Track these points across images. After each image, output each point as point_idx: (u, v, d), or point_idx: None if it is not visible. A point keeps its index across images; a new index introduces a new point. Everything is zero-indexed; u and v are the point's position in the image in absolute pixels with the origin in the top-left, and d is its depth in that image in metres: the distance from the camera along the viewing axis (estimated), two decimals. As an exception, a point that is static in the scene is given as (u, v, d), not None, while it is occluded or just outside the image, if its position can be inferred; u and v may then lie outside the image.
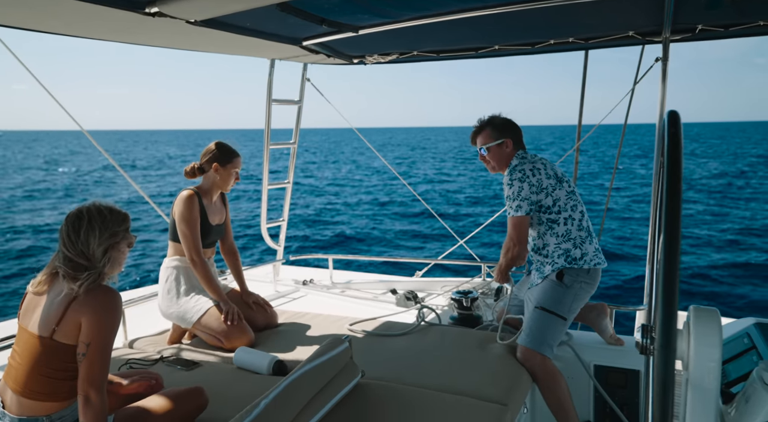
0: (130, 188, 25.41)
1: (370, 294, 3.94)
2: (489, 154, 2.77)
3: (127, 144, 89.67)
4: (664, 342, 0.89)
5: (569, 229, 2.63)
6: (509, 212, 2.64)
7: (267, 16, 2.65)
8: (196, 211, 2.93)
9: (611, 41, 3.32)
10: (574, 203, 2.66)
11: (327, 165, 43.92)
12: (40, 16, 2.31)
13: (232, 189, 3.20)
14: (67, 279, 1.75)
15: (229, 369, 2.61)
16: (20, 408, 1.74)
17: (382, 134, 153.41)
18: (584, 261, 2.60)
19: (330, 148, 68.81)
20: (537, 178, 2.60)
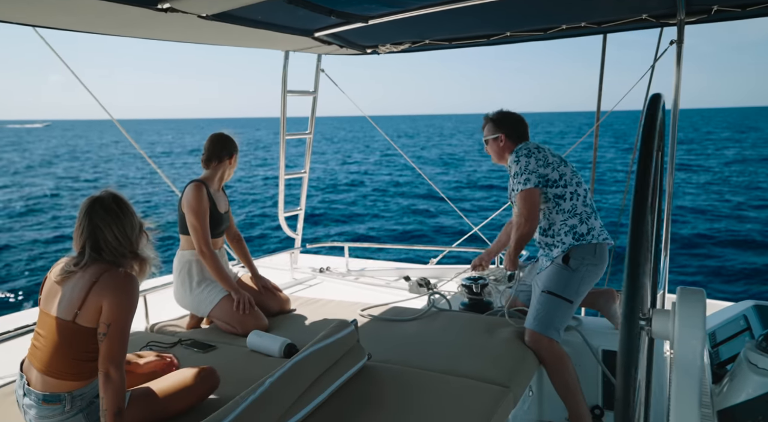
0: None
1: (384, 281, 4.01)
2: (487, 147, 2.98)
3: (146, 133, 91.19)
4: (627, 312, 0.93)
5: (575, 204, 2.68)
6: (517, 188, 2.68)
7: (277, 8, 2.70)
8: (206, 203, 3.00)
9: (625, 25, 3.27)
10: (578, 180, 2.74)
11: (341, 154, 43.99)
12: (53, 12, 2.40)
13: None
14: (97, 262, 1.84)
15: (242, 351, 2.72)
16: (44, 385, 1.86)
17: (392, 122, 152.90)
18: (591, 236, 2.63)
19: (346, 137, 68.83)
20: (543, 154, 2.72)
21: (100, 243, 1.87)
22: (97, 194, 1.93)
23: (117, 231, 1.88)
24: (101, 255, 1.87)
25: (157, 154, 43.06)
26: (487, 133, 2.95)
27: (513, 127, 2.89)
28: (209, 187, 3.08)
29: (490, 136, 2.92)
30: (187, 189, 3.03)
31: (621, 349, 0.94)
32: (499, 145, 2.90)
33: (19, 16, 2.44)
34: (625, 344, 0.94)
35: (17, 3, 2.22)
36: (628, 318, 0.94)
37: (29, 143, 65.72)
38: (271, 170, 26.68)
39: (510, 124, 2.90)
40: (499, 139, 2.89)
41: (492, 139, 2.92)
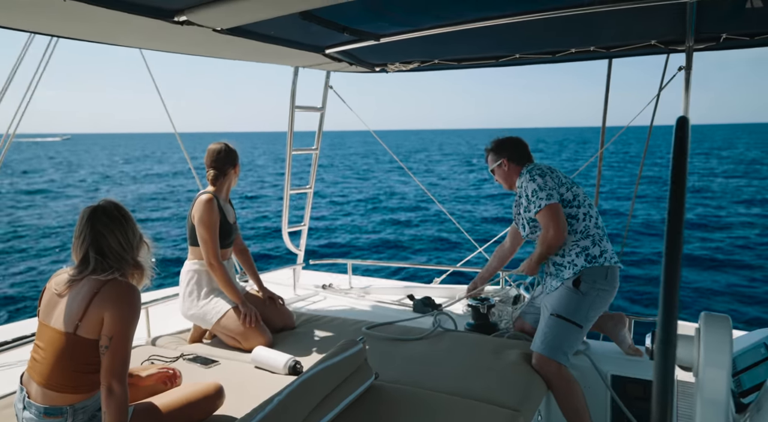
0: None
1: (387, 300, 3.97)
2: (495, 176, 3.01)
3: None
4: (664, 337, 0.90)
5: (588, 226, 2.67)
6: (540, 204, 2.63)
7: (290, 24, 2.72)
8: (216, 215, 3.00)
9: (634, 50, 3.30)
10: (590, 202, 2.74)
11: (343, 169, 44.17)
12: (74, 23, 2.41)
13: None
14: (99, 271, 1.82)
15: (246, 367, 2.67)
16: (45, 398, 1.81)
17: (397, 137, 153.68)
18: (604, 258, 2.61)
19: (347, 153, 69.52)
20: (555, 174, 2.74)
21: (104, 250, 1.85)
22: (96, 203, 1.92)
23: (120, 237, 1.88)
24: (106, 262, 1.84)
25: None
26: (491, 162, 2.99)
27: (513, 150, 2.92)
28: (218, 198, 3.07)
29: (494, 164, 2.96)
30: (197, 202, 3.02)
31: (657, 383, 0.91)
32: (504, 170, 2.93)
33: (40, 25, 2.45)
34: (661, 371, 0.91)
35: (38, 13, 2.22)
36: (665, 351, 0.90)
37: (78, 155, 64.25)
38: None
39: (509, 148, 2.93)
40: (503, 164, 2.92)
41: (497, 166, 2.95)
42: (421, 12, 2.74)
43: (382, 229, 18.32)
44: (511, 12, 2.67)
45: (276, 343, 2.96)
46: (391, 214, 21.29)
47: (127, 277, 1.89)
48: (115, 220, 1.88)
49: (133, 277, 1.91)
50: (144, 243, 1.99)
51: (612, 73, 3.81)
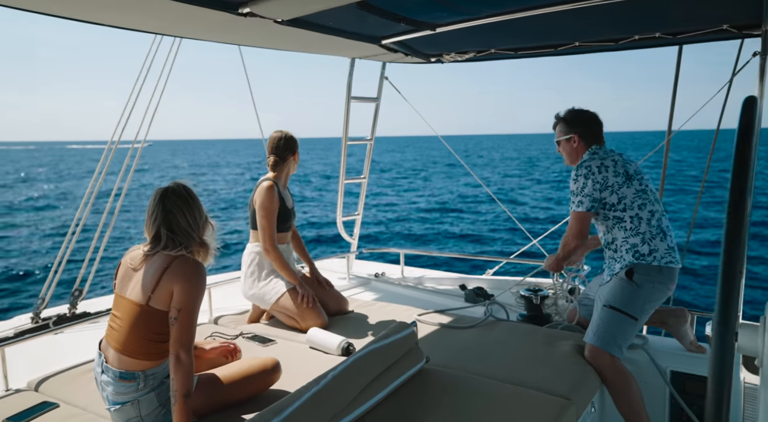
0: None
1: (439, 289, 3.99)
2: (559, 148, 2.87)
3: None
4: (721, 319, 0.88)
5: (636, 225, 2.58)
6: (571, 207, 2.65)
7: (348, 15, 2.77)
8: (276, 202, 3.11)
9: (704, 35, 3.15)
10: (642, 202, 2.59)
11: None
12: (145, 17, 2.56)
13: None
14: (169, 247, 1.94)
15: (301, 347, 2.77)
16: (120, 363, 1.95)
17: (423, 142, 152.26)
18: (653, 257, 2.52)
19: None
20: (603, 175, 2.59)
21: (174, 227, 1.98)
22: (167, 185, 2.05)
23: (188, 216, 1.99)
24: (175, 238, 1.96)
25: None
26: (559, 134, 2.83)
27: (586, 127, 2.77)
28: (278, 185, 3.19)
29: (563, 136, 2.81)
30: (259, 188, 3.14)
31: (714, 366, 0.89)
32: (572, 145, 2.78)
33: (112, 20, 2.61)
34: (719, 361, 0.89)
35: (111, 9, 2.37)
36: (722, 334, 0.88)
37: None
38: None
39: (583, 124, 2.78)
40: (572, 139, 2.77)
41: (564, 140, 2.80)
42: (479, 0, 2.73)
43: (434, 221, 18.31)
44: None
45: (330, 326, 3.05)
46: (445, 207, 21.24)
47: (194, 254, 2.01)
48: (183, 200, 2.00)
49: (198, 254, 2.02)
50: (209, 224, 2.10)
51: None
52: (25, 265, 13.15)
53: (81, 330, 3.12)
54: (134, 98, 3.47)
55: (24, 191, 31.94)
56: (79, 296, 3.13)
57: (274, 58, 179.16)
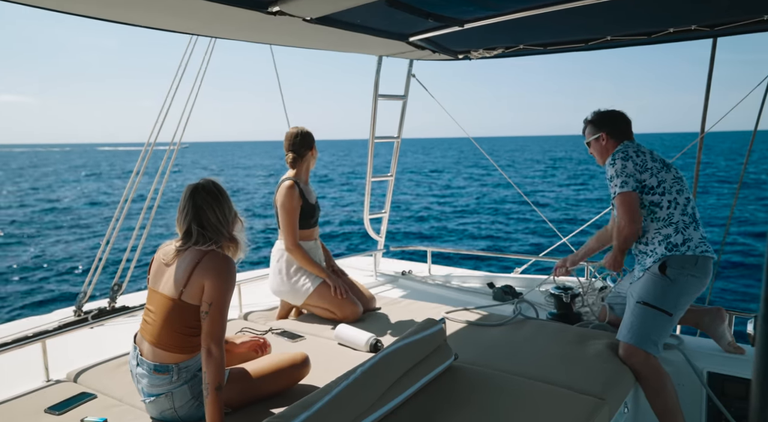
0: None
1: (467, 287, 3.96)
2: (590, 149, 2.89)
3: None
4: (764, 313, 0.85)
5: (671, 213, 2.53)
6: (615, 191, 2.57)
7: (375, 12, 2.77)
8: (297, 201, 3.13)
9: (741, 27, 3.05)
10: (680, 188, 2.58)
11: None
12: (177, 17, 2.61)
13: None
14: (200, 242, 1.98)
15: (330, 343, 2.78)
16: (154, 356, 2.00)
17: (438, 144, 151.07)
18: (687, 247, 2.46)
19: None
20: (641, 158, 2.60)
21: (204, 223, 2.01)
22: (198, 181, 2.08)
23: (218, 212, 2.03)
24: (206, 234, 2.00)
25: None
26: (588, 135, 2.88)
27: (613, 124, 2.79)
28: (300, 183, 3.20)
29: (592, 137, 2.85)
30: (280, 188, 3.17)
31: (758, 366, 0.87)
32: (601, 144, 2.80)
33: (150, 21, 2.67)
34: (764, 360, 0.86)
35: (147, 10, 2.42)
36: (764, 318, 0.86)
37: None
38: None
39: (610, 122, 2.80)
40: (601, 138, 2.80)
41: (594, 140, 2.84)
42: None
43: (462, 219, 18.23)
44: None
45: (357, 323, 3.06)
46: (473, 206, 21.12)
47: (224, 249, 2.04)
48: (213, 196, 2.03)
49: (228, 249, 2.06)
50: (239, 220, 2.13)
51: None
52: (72, 261, 13.59)
53: (119, 324, 3.21)
54: (170, 99, 3.54)
55: (80, 189, 32.93)
56: (119, 290, 3.22)
57: (300, 61, 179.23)
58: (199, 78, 3.64)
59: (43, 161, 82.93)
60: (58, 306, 4.88)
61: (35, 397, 2.27)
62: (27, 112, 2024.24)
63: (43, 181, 42.16)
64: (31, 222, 20.61)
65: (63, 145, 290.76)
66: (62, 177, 45.87)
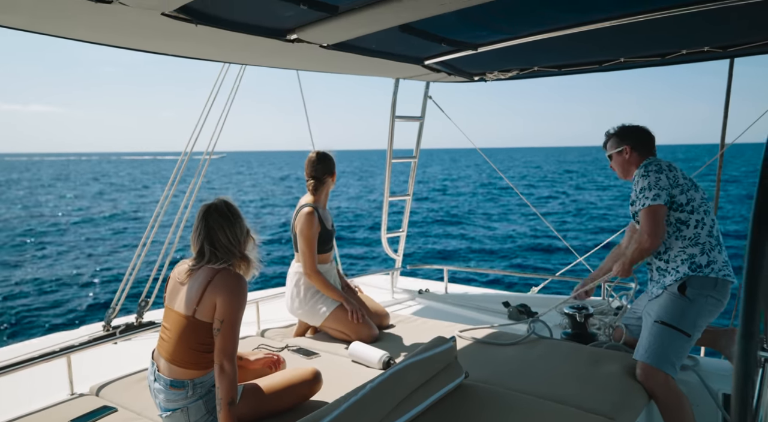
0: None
1: (482, 306, 3.97)
2: (612, 162, 2.85)
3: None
4: (745, 331, 0.88)
5: (698, 233, 2.50)
6: (644, 203, 2.50)
7: (391, 37, 2.86)
8: (316, 228, 3.18)
9: (757, 48, 3.05)
10: (707, 208, 2.55)
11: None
12: (209, 46, 2.74)
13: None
14: (212, 261, 2.05)
15: (344, 361, 2.83)
16: (170, 372, 2.07)
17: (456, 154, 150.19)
18: (711, 269, 2.44)
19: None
20: (673, 173, 2.56)
21: (215, 243, 2.07)
22: (211, 201, 2.15)
23: (228, 232, 2.08)
24: (217, 254, 2.07)
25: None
26: (611, 148, 2.83)
27: (638, 138, 2.74)
28: (318, 208, 3.26)
29: (614, 150, 2.80)
30: (299, 215, 3.22)
31: (736, 378, 0.89)
32: (624, 157, 2.75)
33: (183, 50, 2.81)
34: (742, 370, 0.89)
35: (179, 40, 2.55)
36: (745, 339, 0.89)
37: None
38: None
39: (635, 136, 2.75)
40: (624, 151, 2.75)
41: (616, 153, 2.79)
42: (519, 19, 2.74)
43: (478, 238, 18.13)
44: (614, 14, 2.58)
45: (373, 340, 3.10)
46: (488, 224, 21.00)
47: (235, 268, 2.11)
48: (224, 217, 2.09)
49: (240, 268, 2.12)
50: (251, 238, 2.19)
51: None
52: (106, 274, 13.92)
53: (146, 339, 3.30)
54: (203, 119, 3.69)
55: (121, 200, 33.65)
56: (146, 306, 3.30)
57: (322, 75, 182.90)
58: (229, 101, 3.78)
59: (74, 169, 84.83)
60: (92, 318, 5.01)
61: (59, 410, 2.36)
62: (54, 122, 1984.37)
63: (80, 190, 42.95)
64: (66, 232, 21.11)
65: (90, 154, 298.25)
66: (95, 187, 46.64)
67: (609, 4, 2.49)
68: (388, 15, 2.35)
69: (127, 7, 1.96)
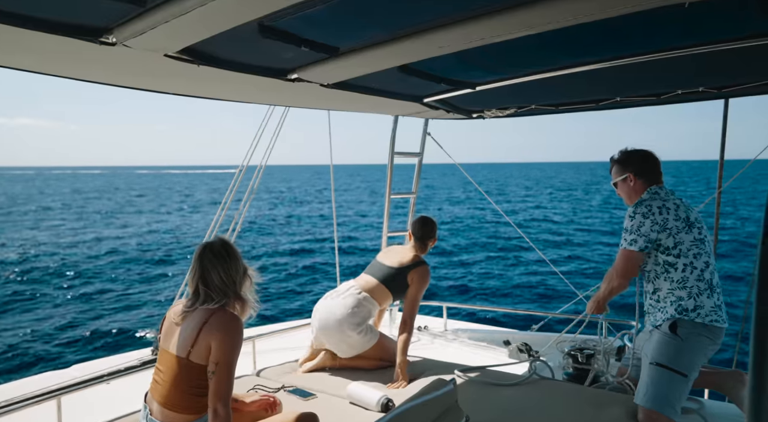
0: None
1: (482, 344, 3.92)
2: (618, 190, 2.82)
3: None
4: (756, 383, 0.85)
5: (686, 277, 2.46)
6: (622, 244, 2.53)
7: (390, 77, 2.90)
8: None
9: (751, 90, 3.09)
10: (698, 251, 2.48)
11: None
12: (204, 85, 2.78)
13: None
14: (207, 302, 2.02)
15: (341, 403, 2.77)
16: (163, 417, 2.02)
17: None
18: (697, 314, 2.40)
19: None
20: (663, 216, 2.49)
21: (209, 284, 2.04)
22: (209, 240, 2.13)
23: (222, 273, 2.05)
24: (212, 295, 2.03)
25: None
26: (615, 176, 2.79)
27: (640, 164, 2.70)
28: None
29: (619, 178, 2.76)
30: (425, 269, 3.43)
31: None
32: (629, 185, 2.71)
33: (181, 88, 2.85)
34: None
35: (179, 79, 2.59)
36: (756, 401, 0.85)
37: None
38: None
39: (637, 162, 2.72)
40: (629, 178, 2.70)
41: (621, 180, 2.75)
42: (517, 61, 2.79)
43: (477, 272, 18.00)
44: (608, 57, 2.63)
45: (371, 381, 3.04)
46: (489, 255, 20.87)
47: (231, 308, 2.07)
48: (219, 257, 2.06)
49: (235, 309, 2.09)
50: (248, 278, 2.16)
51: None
52: (155, 296, 13.61)
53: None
54: (255, 142, 3.87)
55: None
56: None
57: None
58: (272, 142, 3.94)
59: (105, 185, 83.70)
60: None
61: None
62: (61, 136, 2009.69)
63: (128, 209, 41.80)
64: (117, 253, 20.44)
65: (103, 168, 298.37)
66: (140, 205, 45.39)
67: (604, 46, 2.53)
68: (388, 56, 2.38)
69: (130, 49, 1.99)
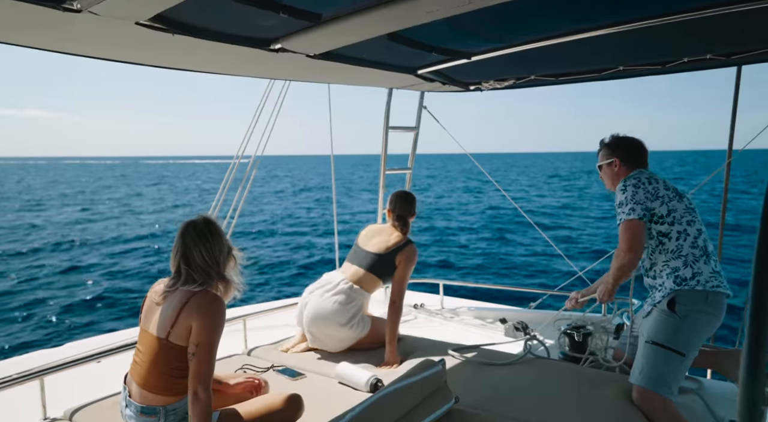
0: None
1: (478, 322, 3.86)
2: (601, 172, 2.80)
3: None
4: (751, 360, 0.78)
5: (681, 245, 2.40)
6: (621, 218, 2.46)
7: (380, 46, 2.77)
8: None
9: (762, 56, 2.94)
10: (691, 219, 2.44)
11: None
12: (181, 55, 2.66)
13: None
14: (189, 282, 1.95)
15: (330, 383, 2.71)
16: (142, 398, 1.97)
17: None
18: (696, 281, 2.33)
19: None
20: (653, 186, 2.48)
21: (191, 263, 1.97)
22: (192, 219, 2.05)
23: (205, 252, 1.97)
24: (194, 275, 1.96)
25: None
26: (602, 158, 2.77)
27: (629, 152, 2.68)
28: None
29: (605, 161, 2.74)
30: (413, 248, 3.24)
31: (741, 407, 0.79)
32: (613, 169, 2.70)
33: (155, 59, 2.73)
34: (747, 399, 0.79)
35: (154, 49, 2.47)
36: (750, 385, 0.79)
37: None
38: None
39: (626, 149, 2.69)
40: (614, 163, 2.69)
41: (606, 164, 2.74)
42: (513, 27, 2.66)
43: (476, 250, 17.95)
44: (611, 21, 2.49)
45: (361, 361, 2.98)
46: (485, 234, 20.81)
47: (214, 289, 2.00)
48: (201, 236, 1.99)
49: (218, 289, 2.02)
50: (232, 258, 2.08)
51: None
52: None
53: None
54: (250, 132, 3.82)
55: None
56: None
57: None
58: (271, 121, 3.86)
59: (124, 173, 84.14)
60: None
61: None
62: (65, 127, 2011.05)
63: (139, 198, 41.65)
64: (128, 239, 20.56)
65: (113, 158, 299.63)
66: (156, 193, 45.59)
67: (605, 10, 2.39)
68: (374, 23, 2.26)
69: (98, 16, 1.87)
